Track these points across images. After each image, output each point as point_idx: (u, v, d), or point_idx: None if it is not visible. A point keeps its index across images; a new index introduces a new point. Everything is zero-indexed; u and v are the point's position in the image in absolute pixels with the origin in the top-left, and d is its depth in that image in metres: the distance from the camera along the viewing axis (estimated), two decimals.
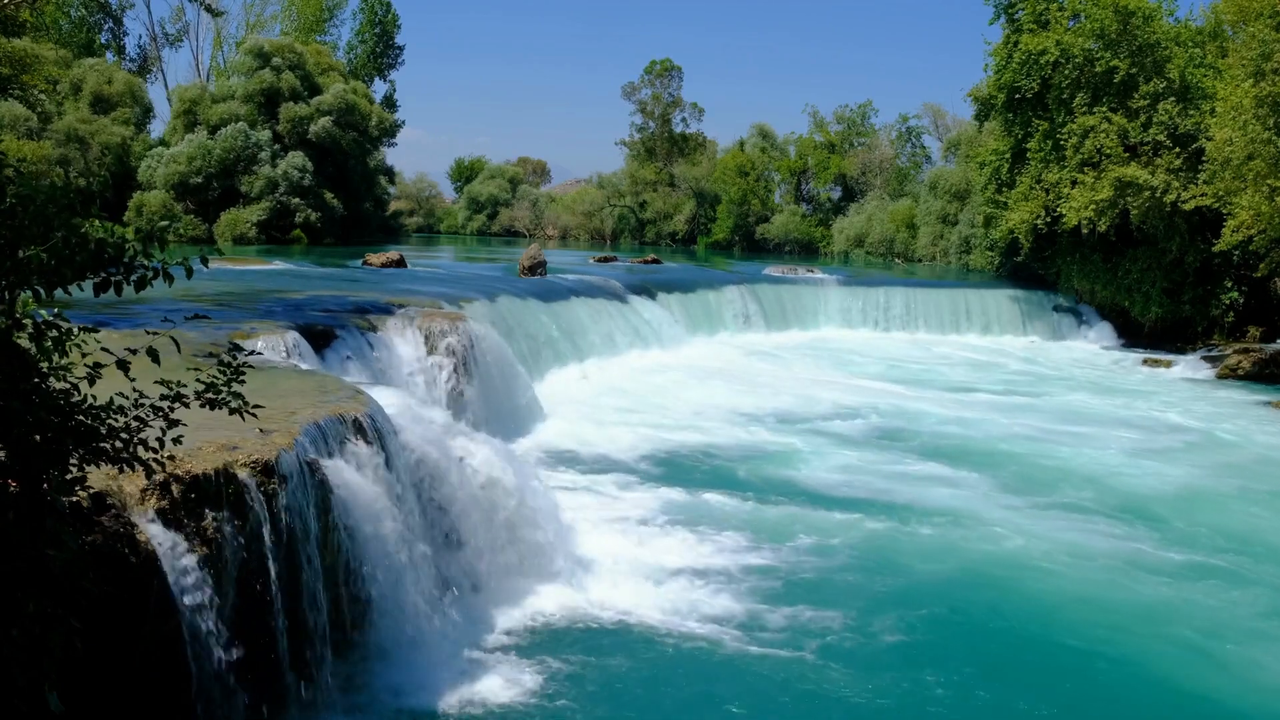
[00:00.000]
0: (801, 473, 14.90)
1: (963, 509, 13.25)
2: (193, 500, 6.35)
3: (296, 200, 46.35)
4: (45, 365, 4.61)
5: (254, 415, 5.44)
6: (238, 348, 5.72)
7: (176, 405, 5.16)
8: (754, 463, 15.34)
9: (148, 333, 5.24)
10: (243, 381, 5.40)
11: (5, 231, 4.33)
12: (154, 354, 4.87)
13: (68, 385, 4.66)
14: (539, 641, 8.84)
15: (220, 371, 5.37)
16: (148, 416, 5.08)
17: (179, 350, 5.50)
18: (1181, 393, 23.94)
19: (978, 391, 22.88)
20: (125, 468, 4.95)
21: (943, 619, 9.84)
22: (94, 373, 4.75)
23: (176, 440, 5.19)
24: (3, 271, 4.39)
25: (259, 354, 5.67)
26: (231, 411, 5.31)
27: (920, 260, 53.15)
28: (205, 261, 5.02)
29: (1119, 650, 9.20)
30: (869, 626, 9.49)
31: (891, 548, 11.75)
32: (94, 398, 4.81)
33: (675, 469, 14.70)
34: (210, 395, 5.27)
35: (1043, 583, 10.74)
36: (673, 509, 12.67)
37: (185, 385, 5.20)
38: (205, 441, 6.73)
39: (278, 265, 29.17)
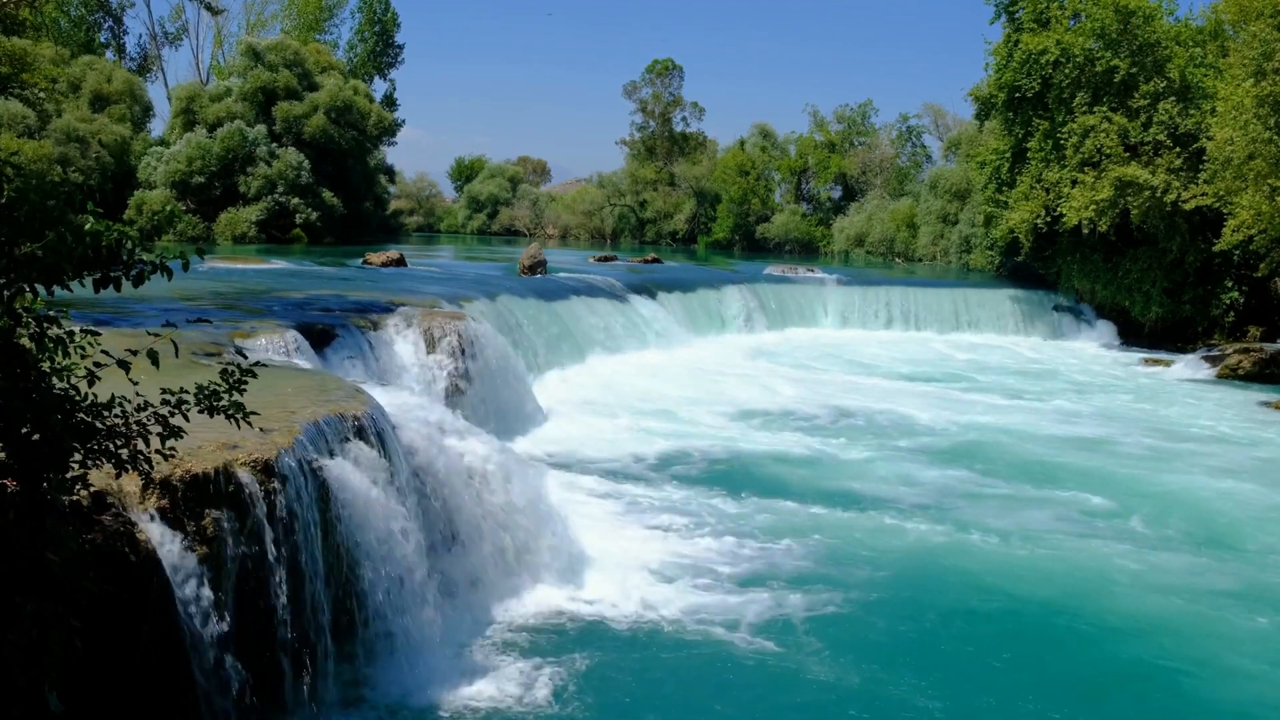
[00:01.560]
0: (811, 473, 14.84)
1: (1000, 517, 12.95)
2: (193, 499, 6.34)
3: (296, 200, 46.31)
4: (46, 365, 4.59)
5: (249, 424, 5.42)
6: (242, 354, 5.71)
7: (177, 412, 5.15)
8: (758, 463, 15.29)
9: (149, 333, 5.23)
10: (244, 390, 5.39)
11: (3, 229, 4.32)
12: (154, 357, 4.86)
13: (68, 386, 4.65)
14: (539, 640, 8.83)
15: (223, 379, 5.35)
16: (149, 421, 5.07)
17: (177, 354, 5.49)
18: (1212, 397, 23.56)
19: (988, 391, 22.84)
20: (125, 469, 4.94)
21: (999, 633, 9.55)
22: (94, 374, 4.73)
23: (177, 435, 5.18)
24: (2, 270, 4.37)
25: (260, 364, 5.66)
26: (229, 417, 5.30)
27: (920, 260, 53.15)
28: (201, 255, 5.01)
29: (1204, 669, 8.89)
30: (895, 633, 9.42)
31: (923, 557, 11.41)
32: (95, 396, 4.80)
33: (676, 469, 14.67)
34: (210, 403, 5.25)
35: (1115, 602, 10.29)
36: (674, 509, 12.65)
37: (187, 392, 5.19)
38: (206, 440, 6.71)
39: (277, 264, 29.15)
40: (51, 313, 4.58)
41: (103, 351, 4.75)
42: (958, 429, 18.24)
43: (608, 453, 15.33)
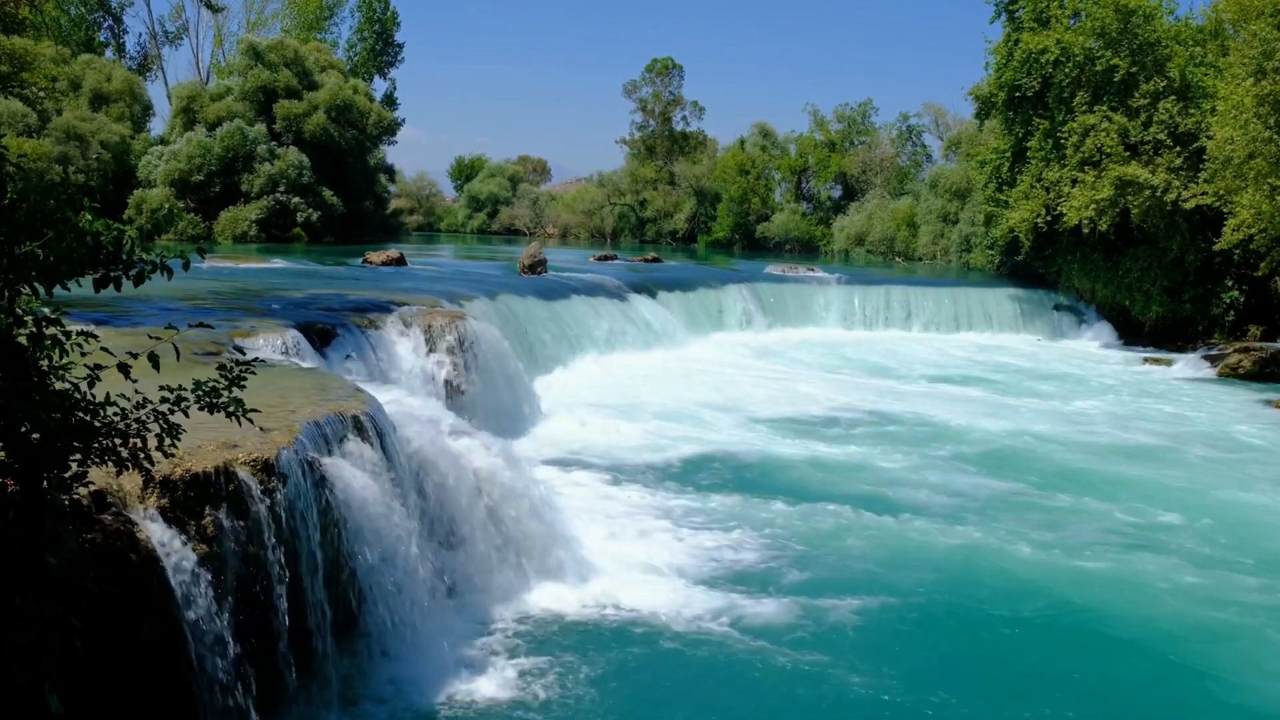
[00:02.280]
0: (821, 475, 14.70)
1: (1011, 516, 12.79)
2: (193, 498, 6.33)
3: (296, 199, 46.32)
4: (45, 364, 4.58)
5: (250, 421, 5.41)
6: (241, 352, 5.69)
7: (177, 409, 5.13)
8: (761, 464, 15.19)
9: (150, 336, 5.21)
10: (243, 386, 5.38)
11: (3, 228, 4.31)
12: (155, 360, 4.85)
13: (68, 385, 4.63)
14: (539, 638, 8.82)
15: (222, 376, 5.34)
16: (148, 419, 5.05)
17: (178, 357, 5.48)
18: (1220, 397, 23.28)
19: (1006, 393, 22.75)
20: (125, 468, 4.92)
21: (1043, 644, 9.29)
22: (94, 374, 4.72)
23: (175, 435, 5.16)
24: (2, 269, 4.37)
25: (260, 361, 5.67)
26: (229, 415, 5.28)
27: (921, 259, 53.16)
28: (202, 255, 5.00)
29: (1257, 687, 8.63)
30: (901, 629, 9.35)
31: (963, 565, 11.12)
32: (93, 396, 4.79)
33: (677, 469, 14.64)
34: (210, 400, 5.24)
35: (1164, 615, 9.91)
36: (674, 509, 12.62)
37: (186, 389, 5.18)
38: (206, 439, 6.71)
39: (277, 263, 29.17)
40: (50, 312, 4.57)
41: (102, 349, 4.73)
42: (983, 433, 17.86)
43: (607, 452, 15.30)
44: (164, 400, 5.13)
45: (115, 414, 4.90)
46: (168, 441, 5.14)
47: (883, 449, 16.40)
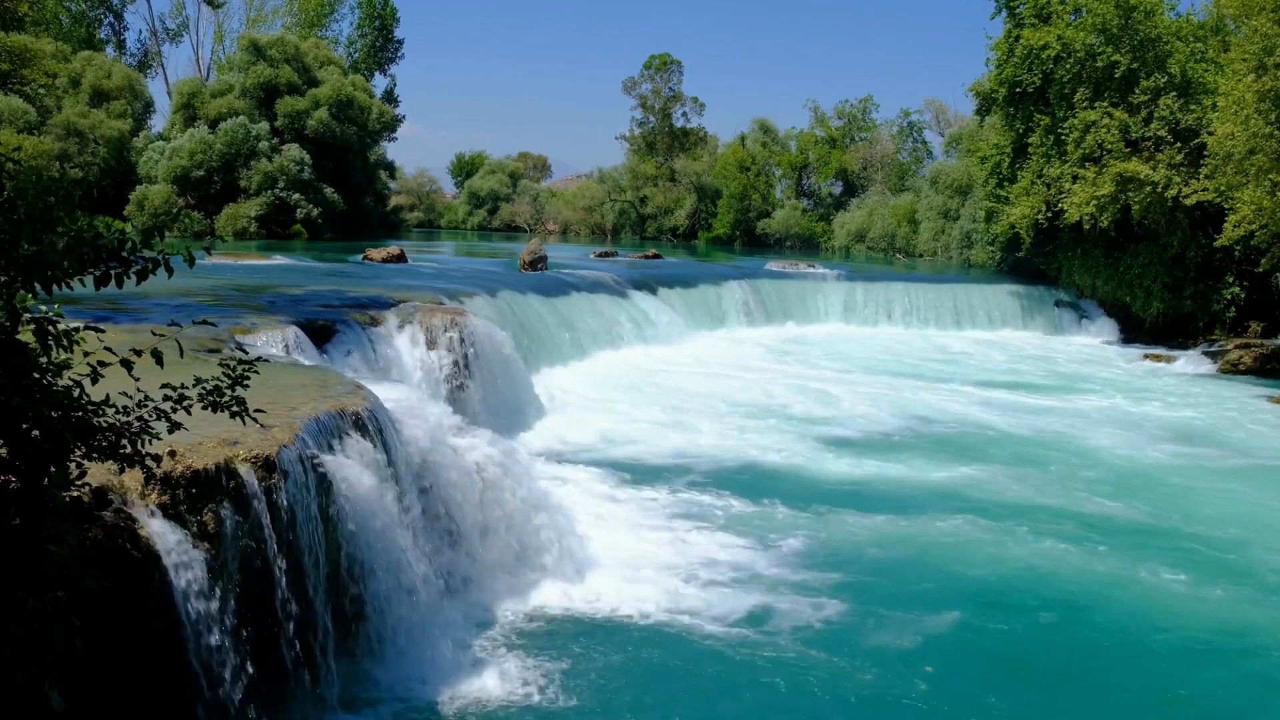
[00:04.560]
0: (823, 475, 14.70)
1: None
2: (194, 495, 6.33)
3: (296, 195, 46.27)
4: (45, 362, 4.58)
5: (255, 420, 5.41)
6: (242, 349, 5.69)
7: (179, 408, 5.13)
8: (764, 463, 15.16)
9: (154, 333, 5.21)
10: (247, 385, 5.37)
11: (4, 226, 4.30)
12: (158, 356, 4.85)
13: (70, 382, 4.63)
14: (539, 636, 8.82)
15: (225, 374, 5.34)
16: (150, 417, 5.05)
17: (181, 354, 5.47)
18: (1227, 395, 23.01)
19: (998, 388, 22.80)
20: (126, 466, 4.92)
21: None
22: (97, 371, 4.72)
23: (173, 431, 5.16)
24: (2, 268, 4.36)
25: (262, 359, 5.67)
26: (233, 415, 5.28)
27: (921, 255, 53.11)
28: (209, 251, 4.99)
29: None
30: (899, 623, 9.36)
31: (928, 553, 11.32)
32: (89, 395, 4.79)
33: (677, 466, 14.63)
34: (213, 399, 5.24)
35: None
36: (674, 507, 12.62)
37: (189, 388, 5.18)
38: (207, 436, 6.71)
39: (278, 260, 29.14)
40: (50, 311, 4.57)
41: (106, 348, 4.74)
42: (1000, 431, 17.64)
43: (610, 450, 15.30)
44: (166, 399, 5.13)
45: (117, 412, 4.90)
46: (169, 440, 5.13)
47: (865, 435, 16.41)
